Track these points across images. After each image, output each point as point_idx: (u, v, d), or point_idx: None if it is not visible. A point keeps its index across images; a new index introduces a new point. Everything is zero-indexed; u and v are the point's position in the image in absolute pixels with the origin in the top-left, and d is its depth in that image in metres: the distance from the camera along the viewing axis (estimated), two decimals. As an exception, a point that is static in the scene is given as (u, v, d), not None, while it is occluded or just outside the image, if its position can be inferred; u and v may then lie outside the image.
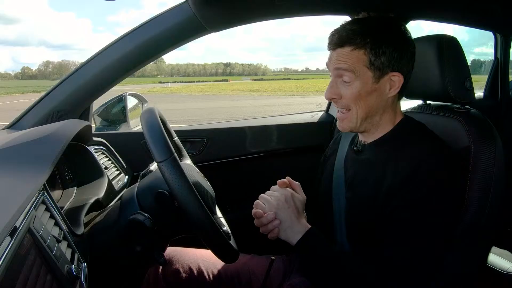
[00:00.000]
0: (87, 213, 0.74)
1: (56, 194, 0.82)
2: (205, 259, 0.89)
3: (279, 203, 0.73)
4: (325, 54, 0.74)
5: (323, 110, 1.52)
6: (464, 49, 0.81)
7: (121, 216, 0.70)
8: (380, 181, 0.69)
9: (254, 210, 0.73)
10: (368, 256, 0.68)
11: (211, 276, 0.87)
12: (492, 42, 1.75)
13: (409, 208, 0.64)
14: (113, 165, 1.06)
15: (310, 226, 0.73)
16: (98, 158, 0.95)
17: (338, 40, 0.69)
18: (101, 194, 0.85)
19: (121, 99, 1.42)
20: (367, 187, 0.72)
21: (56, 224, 0.56)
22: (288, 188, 0.77)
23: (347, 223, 0.77)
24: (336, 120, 1.40)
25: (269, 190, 0.78)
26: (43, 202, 0.55)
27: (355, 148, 0.80)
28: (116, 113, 1.43)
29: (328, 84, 0.72)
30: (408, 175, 0.65)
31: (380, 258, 0.66)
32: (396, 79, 0.70)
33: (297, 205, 0.75)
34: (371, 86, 0.69)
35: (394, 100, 0.73)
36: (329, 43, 0.71)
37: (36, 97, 1.06)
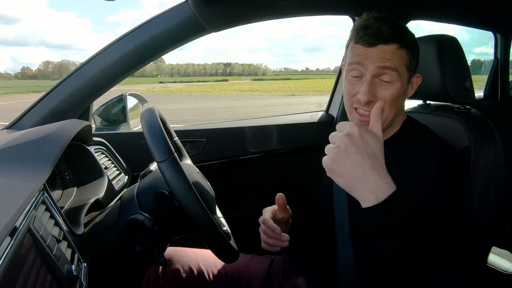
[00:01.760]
0: (87, 213, 0.74)
1: (56, 194, 0.82)
2: (205, 259, 0.89)
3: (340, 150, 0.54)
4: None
5: (323, 110, 1.52)
6: (464, 49, 0.81)
7: (121, 216, 0.70)
8: None
9: (269, 225, 0.71)
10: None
11: (211, 276, 0.87)
12: (492, 42, 1.76)
13: (415, 209, 0.64)
14: (113, 165, 1.06)
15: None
16: (98, 158, 0.95)
17: (384, 35, 0.63)
18: (101, 194, 0.84)
19: (121, 99, 1.42)
20: None
21: (56, 224, 0.56)
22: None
23: (350, 224, 0.76)
24: (336, 120, 1.42)
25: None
26: (43, 202, 0.55)
27: None
28: (116, 113, 1.42)
29: (365, 86, 0.64)
30: (414, 176, 0.64)
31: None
32: (415, 80, 0.71)
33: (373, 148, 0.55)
34: (405, 87, 0.68)
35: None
36: (370, 38, 0.64)
37: (36, 97, 1.06)
